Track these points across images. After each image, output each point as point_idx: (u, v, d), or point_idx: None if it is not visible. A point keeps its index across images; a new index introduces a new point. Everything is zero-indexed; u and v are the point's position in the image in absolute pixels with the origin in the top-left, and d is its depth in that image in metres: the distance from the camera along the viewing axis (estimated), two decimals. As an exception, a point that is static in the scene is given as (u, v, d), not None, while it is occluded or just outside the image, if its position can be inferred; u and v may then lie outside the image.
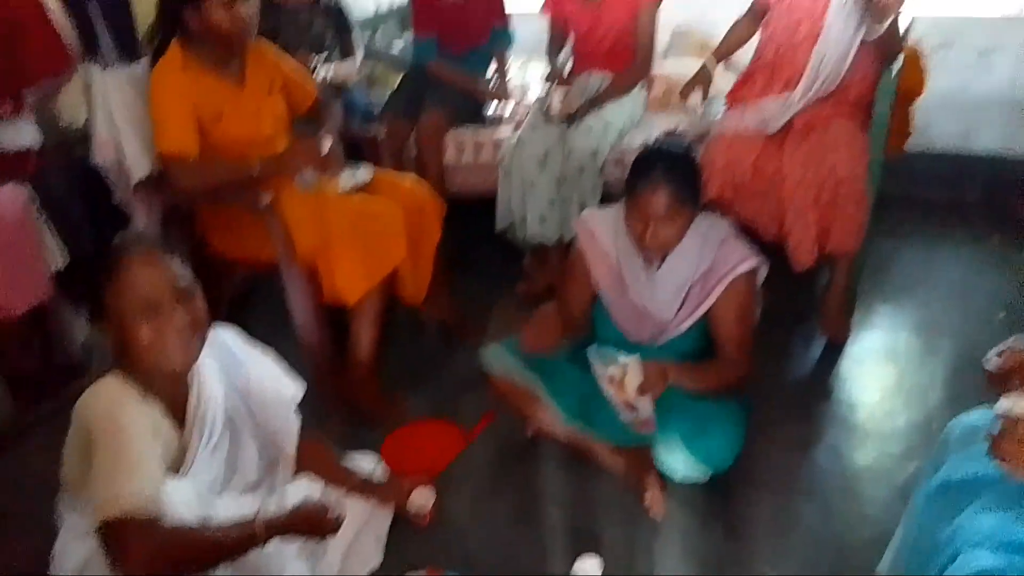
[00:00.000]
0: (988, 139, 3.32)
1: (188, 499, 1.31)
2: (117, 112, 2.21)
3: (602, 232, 1.97)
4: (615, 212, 1.93)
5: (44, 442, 2.03)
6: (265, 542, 1.35)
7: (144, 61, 2.26)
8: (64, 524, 1.41)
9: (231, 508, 1.40)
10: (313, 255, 2.14)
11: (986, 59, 3.20)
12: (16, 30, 2.24)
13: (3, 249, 2.13)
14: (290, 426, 1.61)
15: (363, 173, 2.31)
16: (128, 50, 2.49)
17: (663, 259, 1.88)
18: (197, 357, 1.38)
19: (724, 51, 2.67)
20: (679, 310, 1.90)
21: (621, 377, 1.77)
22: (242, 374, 1.52)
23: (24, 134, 2.32)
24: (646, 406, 1.79)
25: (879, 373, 2.41)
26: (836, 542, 1.80)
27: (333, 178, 2.23)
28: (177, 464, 1.38)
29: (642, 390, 1.76)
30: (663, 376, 1.79)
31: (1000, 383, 1.22)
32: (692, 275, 1.87)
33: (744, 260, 1.86)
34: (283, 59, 2.34)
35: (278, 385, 1.59)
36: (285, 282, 2.18)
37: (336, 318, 2.26)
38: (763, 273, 1.95)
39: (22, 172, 2.30)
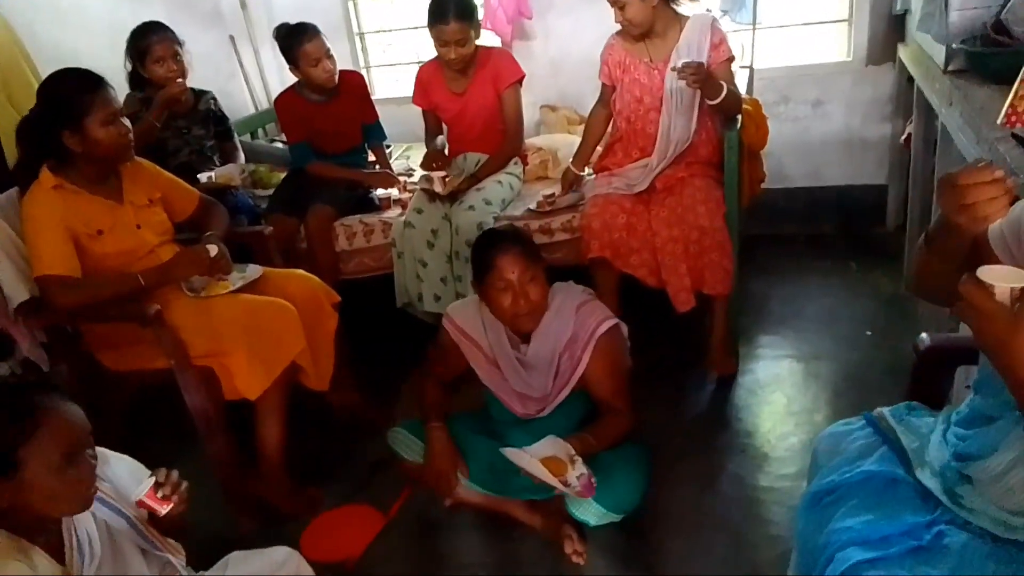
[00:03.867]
0: (834, 175, 3.68)
1: None
2: (-11, 241, 2.16)
3: (470, 327, 2.04)
4: (475, 305, 2.02)
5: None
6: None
7: (13, 190, 2.24)
8: None
9: None
10: (208, 358, 2.12)
11: (819, 108, 3.58)
12: None
13: None
14: None
15: (252, 272, 2.34)
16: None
17: (529, 341, 1.97)
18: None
19: (586, 150, 2.86)
20: (554, 382, 1.99)
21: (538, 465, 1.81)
22: (107, 478, 1.45)
23: None
24: (575, 478, 1.78)
25: (768, 400, 2.58)
26: (749, 566, 1.90)
27: (222, 280, 2.25)
28: None
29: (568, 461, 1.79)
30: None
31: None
32: (558, 347, 1.96)
33: (603, 321, 1.97)
34: (159, 170, 2.36)
35: (140, 476, 1.54)
36: (182, 389, 2.16)
37: (242, 417, 2.23)
38: (624, 328, 2.07)
39: None
